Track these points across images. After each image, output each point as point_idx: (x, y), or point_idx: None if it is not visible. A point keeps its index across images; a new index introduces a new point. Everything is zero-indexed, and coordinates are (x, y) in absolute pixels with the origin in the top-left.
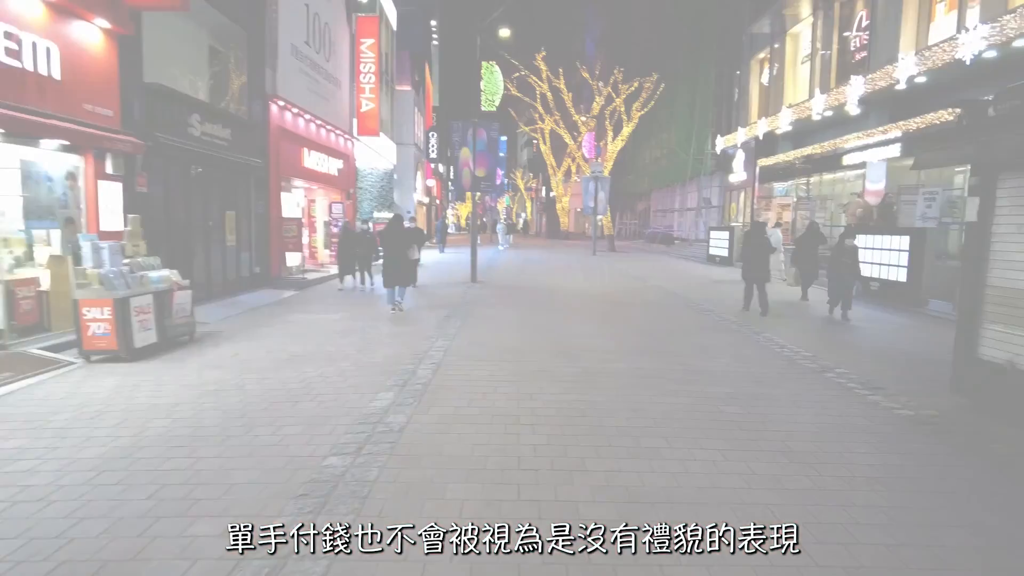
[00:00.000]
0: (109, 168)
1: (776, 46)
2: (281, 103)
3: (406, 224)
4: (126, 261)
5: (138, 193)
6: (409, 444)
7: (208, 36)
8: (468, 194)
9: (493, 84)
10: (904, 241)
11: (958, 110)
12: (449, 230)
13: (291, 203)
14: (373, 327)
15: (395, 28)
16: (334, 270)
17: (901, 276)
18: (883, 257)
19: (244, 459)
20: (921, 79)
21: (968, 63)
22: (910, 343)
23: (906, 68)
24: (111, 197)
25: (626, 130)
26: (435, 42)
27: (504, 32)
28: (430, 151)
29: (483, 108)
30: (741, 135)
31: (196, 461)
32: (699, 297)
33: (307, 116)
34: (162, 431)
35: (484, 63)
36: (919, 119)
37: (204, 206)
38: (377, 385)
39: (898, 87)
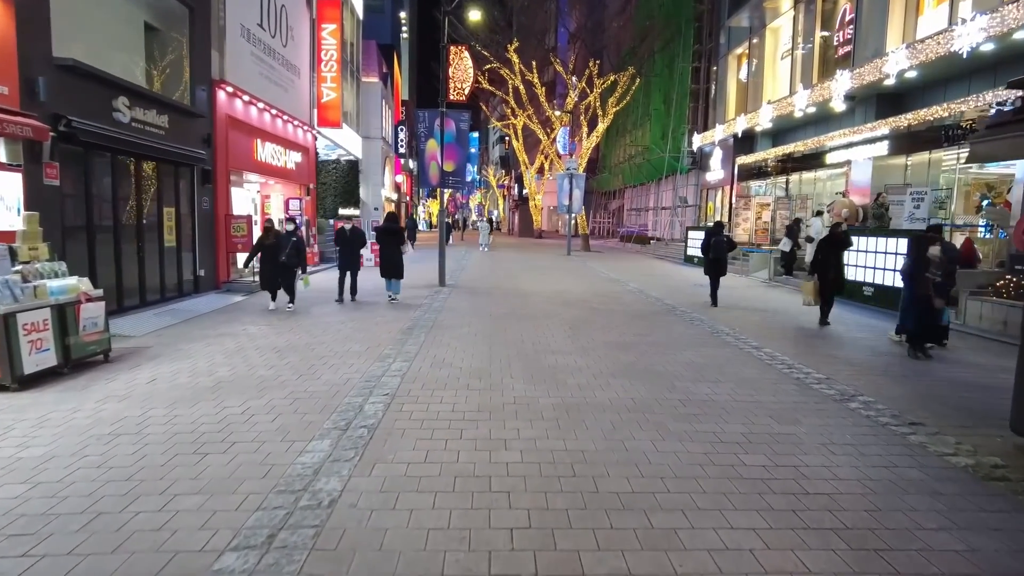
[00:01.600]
0: (2, 155)
1: (755, 41)
2: (230, 89)
3: (346, 225)
4: (16, 268)
5: (47, 186)
6: (340, 530)
7: (143, 12)
8: (438, 190)
9: (462, 71)
10: (903, 244)
11: (959, 102)
12: (420, 227)
13: (243, 199)
14: (321, 343)
15: (361, 17)
16: None
17: (899, 281)
18: (878, 260)
19: (105, 560)
20: (912, 73)
21: (965, 56)
22: (925, 360)
23: (896, 62)
24: (6, 190)
25: (601, 126)
26: (404, 35)
27: (474, 16)
28: (399, 146)
29: (451, 97)
30: (719, 132)
31: (34, 564)
32: (683, 302)
33: (260, 104)
34: (7, 506)
35: (452, 48)
36: (911, 115)
37: (137, 202)
38: (311, 428)
39: (887, 82)
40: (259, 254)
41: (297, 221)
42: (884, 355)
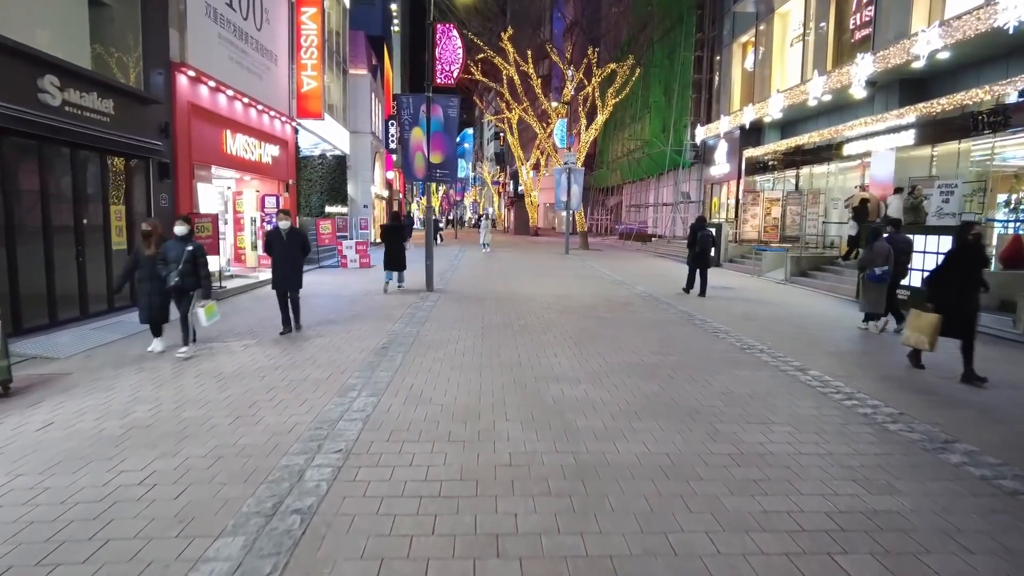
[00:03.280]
0: None
1: (762, 27)
2: (192, 73)
3: (283, 224)
4: None
5: None
6: None
7: None
8: (433, 186)
9: (450, 51)
10: (945, 242)
11: (1003, 84)
12: (416, 226)
13: (212, 196)
14: (275, 367)
15: (348, 5)
16: (263, 275)
17: None
18: (914, 260)
19: None
20: (944, 55)
21: (1012, 31)
22: (1000, 381)
23: (928, 41)
24: None
25: (600, 118)
26: (396, 28)
27: None
28: (390, 141)
29: (438, 80)
30: (724, 124)
31: None
32: (699, 308)
33: (230, 91)
34: None
35: (440, 26)
36: (945, 100)
37: (76, 198)
38: (225, 513)
39: (915, 65)
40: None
41: (193, 221)
42: (955, 377)
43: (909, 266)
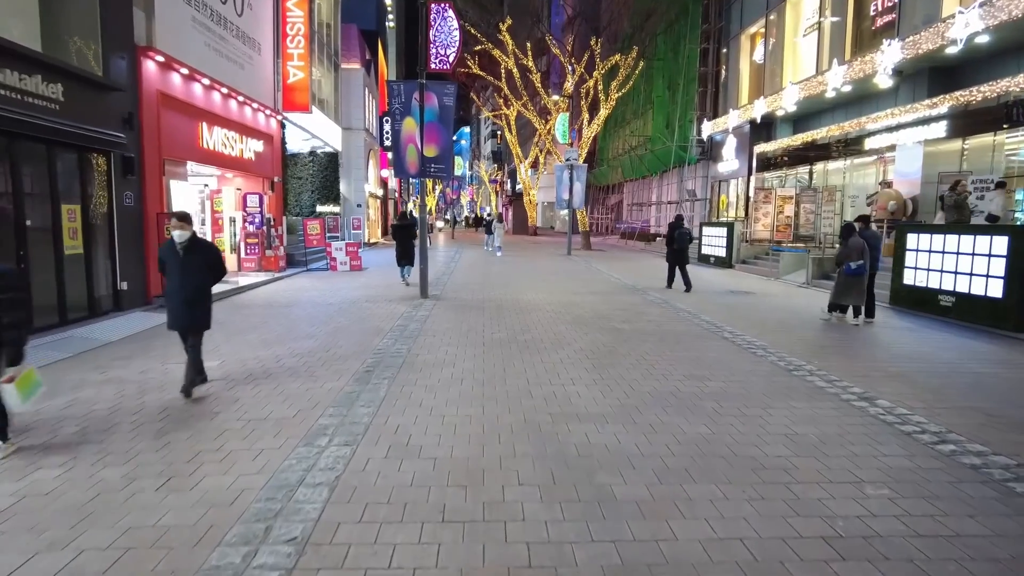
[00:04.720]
0: None
1: (772, 17)
2: (161, 59)
3: (177, 235)
4: None
5: None
6: None
7: None
8: (429, 184)
9: (446, 34)
10: (1000, 243)
11: None
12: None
13: (188, 195)
14: (234, 400)
15: None
16: (243, 280)
17: (994, 290)
18: (961, 263)
19: None
20: (983, 39)
21: None
22: None
23: (966, 24)
24: None
25: (603, 112)
26: (391, 23)
27: None
28: (384, 138)
29: (433, 65)
30: (733, 118)
31: None
32: (724, 318)
33: (206, 81)
34: None
35: (434, 6)
36: (987, 87)
37: (16, 196)
38: None
39: (949, 50)
40: None
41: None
42: None
43: (880, 260)
